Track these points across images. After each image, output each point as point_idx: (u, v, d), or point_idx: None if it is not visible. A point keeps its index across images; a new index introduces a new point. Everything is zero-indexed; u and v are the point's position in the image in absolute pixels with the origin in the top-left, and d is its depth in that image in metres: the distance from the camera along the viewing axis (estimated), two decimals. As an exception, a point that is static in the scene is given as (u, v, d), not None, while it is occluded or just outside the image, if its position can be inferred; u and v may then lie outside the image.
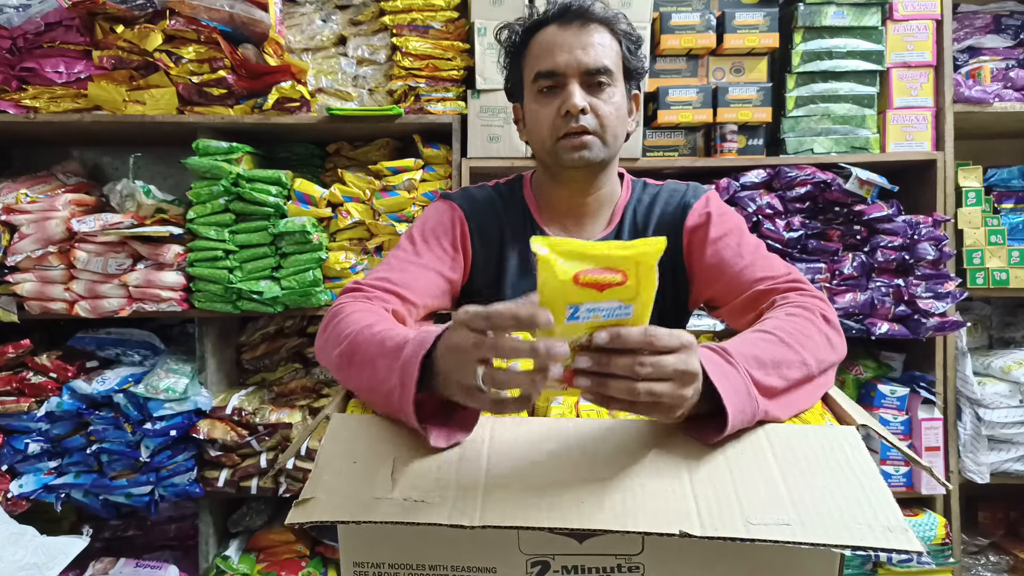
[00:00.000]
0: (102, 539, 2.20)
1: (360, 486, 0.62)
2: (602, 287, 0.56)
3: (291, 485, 1.90)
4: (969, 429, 2.02)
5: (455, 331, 0.61)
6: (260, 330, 2.18)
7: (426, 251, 1.04)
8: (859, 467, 0.64)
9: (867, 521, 0.58)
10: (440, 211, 1.10)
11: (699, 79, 2.05)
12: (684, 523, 0.58)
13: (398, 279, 0.97)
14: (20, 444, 1.85)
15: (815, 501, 0.60)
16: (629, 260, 0.57)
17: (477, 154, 1.97)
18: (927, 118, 2.02)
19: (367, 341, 0.76)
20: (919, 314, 1.89)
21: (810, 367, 0.76)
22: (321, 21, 2.04)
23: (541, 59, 1.02)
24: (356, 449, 0.67)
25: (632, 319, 0.59)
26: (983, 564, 2.16)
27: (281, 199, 1.88)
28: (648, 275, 0.57)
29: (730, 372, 0.68)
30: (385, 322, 0.82)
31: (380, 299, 0.92)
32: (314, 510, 0.60)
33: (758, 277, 0.95)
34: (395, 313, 0.92)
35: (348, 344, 0.79)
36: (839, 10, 1.99)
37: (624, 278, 0.56)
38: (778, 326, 0.79)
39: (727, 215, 1.05)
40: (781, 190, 1.95)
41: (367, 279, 0.97)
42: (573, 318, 0.57)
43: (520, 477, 0.63)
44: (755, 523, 0.58)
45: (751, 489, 0.61)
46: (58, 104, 1.92)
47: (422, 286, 1.00)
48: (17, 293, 1.87)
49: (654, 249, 0.57)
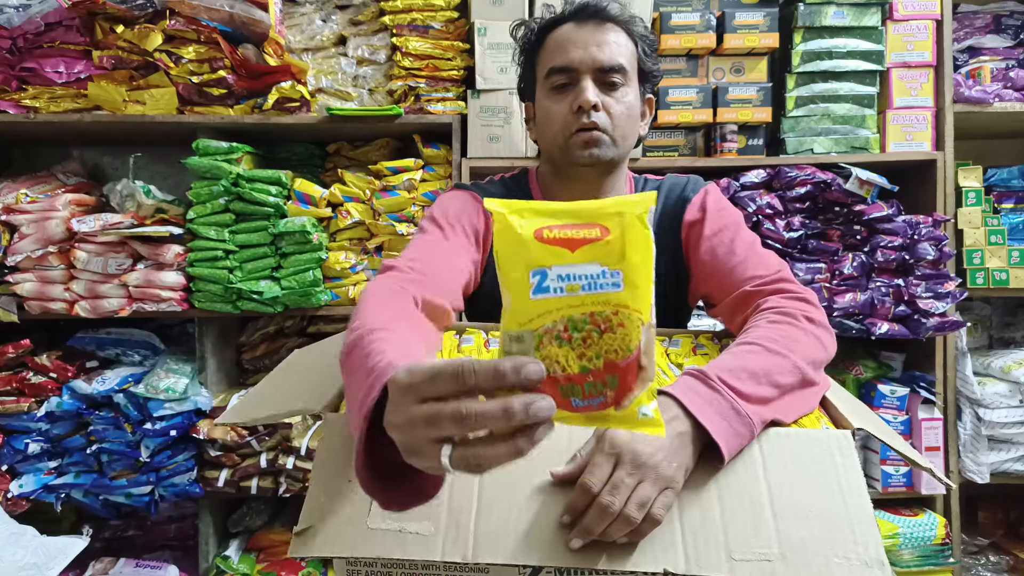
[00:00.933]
0: (102, 539, 2.20)
1: (355, 512, 0.63)
2: (574, 244, 0.44)
3: (291, 485, 1.90)
4: (969, 429, 2.02)
5: (397, 404, 0.47)
6: (260, 330, 2.18)
7: (452, 235, 1.00)
8: (847, 482, 0.65)
9: (846, 554, 0.59)
10: (463, 199, 1.06)
11: (699, 79, 2.05)
12: (669, 558, 0.59)
13: (429, 258, 0.92)
14: (20, 444, 1.85)
15: (798, 530, 0.61)
16: (608, 212, 0.45)
17: (477, 154, 1.97)
18: (927, 118, 2.02)
19: (361, 349, 0.67)
20: (919, 314, 1.89)
21: (803, 370, 0.75)
22: (321, 21, 2.04)
23: (555, 55, 1.02)
24: (350, 462, 0.67)
25: (623, 295, 0.45)
26: (983, 564, 2.16)
27: (281, 199, 1.88)
28: (637, 230, 0.45)
29: (712, 397, 0.67)
30: (390, 328, 0.71)
31: (409, 282, 0.85)
32: (313, 544, 0.61)
33: (748, 276, 0.95)
34: (424, 298, 0.84)
35: (350, 341, 0.71)
36: (839, 10, 1.99)
37: (603, 232, 0.44)
38: (761, 335, 0.79)
39: (724, 210, 1.05)
40: (781, 190, 1.95)
41: (400, 260, 0.91)
42: (541, 290, 0.44)
43: (511, 507, 0.63)
44: (738, 559, 0.59)
45: (737, 516, 0.62)
46: (58, 104, 1.92)
47: (452, 266, 0.95)
48: (17, 293, 1.87)
49: (640, 199, 0.46)
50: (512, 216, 0.44)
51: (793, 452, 0.67)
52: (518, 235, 0.44)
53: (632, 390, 0.46)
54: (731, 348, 0.79)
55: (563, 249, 0.44)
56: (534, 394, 0.43)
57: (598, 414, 0.47)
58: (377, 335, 0.68)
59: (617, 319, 0.45)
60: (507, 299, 0.45)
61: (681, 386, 0.68)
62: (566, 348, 0.45)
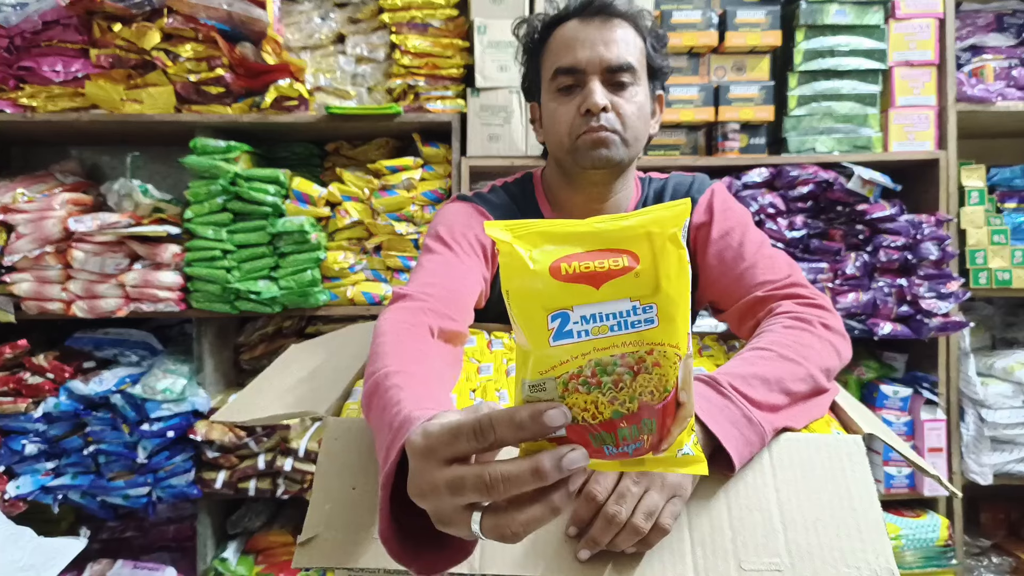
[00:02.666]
0: (100, 540, 2.19)
1: (359, 521, 0.62)
2: (598, 279, 0.38)
3: (289, 487, 1.89)
4: (972, 430, 2.00)
5: (418, 470, 0.43)
6: (258, 330, 2.17)
7: (461, 252, 0.97)
8: (856, 489, 0.64)
9: (856, 563, 0.59)
10: (466, 213, 1.02)
11: (700, 77, 2.04)
12: (678, 568, 0.58)
13: (442, 283, 0.89)
14: (17, 445, 1.84)
15: (808, 538, 0.60)
16: (636, 234, 0.38)
17: (477, 153, 1.96)
18: (930, 117, 2.01)
19: (380, 397, 0.64)
20: (922, 314, 1.88)
21: (816, 378, 0.74)
22: (319, 19, 2.03)
23: (561, 55, 0.98)
24: (354, 468, 0.67)
25: (658, 330, 0.39)
26: (985, 566, 2.15)
27: (279, 198, 1.87)
28: (671, 255, 0.38)
29: (723, 404, 0.66)
30: (407, 372, 0.67)
31: (424, 312, 0.83)
32: (317, 555, 0.60)
33: (758, 281, 0.92)
34: (440, 327, 0.82)
35: (370, 384, 0.68)
36: (841, 8, 1.98)
37: (632, 261, 0.38)
38: (775, 341, 0.77)
39: (731, 211, 1.02)
40: (783, 189, 1.94)
41: (411, 287, 0.88)
42: (562, 336, 0.38)
43: None
44: (748, 569, 0.58)
45: (747, 525, 0.62)
46: (56, 103, 1.91)
47: (466, 288, 0.92)
48: (14, 293, 1.86)
49: (675, 213, 0.39)
50: (519, 245, 0.37)
51: (803, 458, 0.67)
52: (530, 271, 0.37)
53: (670, 432, 0.42)
54: (743, 353, 0.78)
55: (586, 286, 0.37)
56: (563, 446, 0.39)
57: (634, 460, 0.42)
58: (393, 380, 0.65)
59: (652, 359, 0.39)
60: (521, 339, 0.39)
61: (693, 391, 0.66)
62: (595, 393, 0.40)
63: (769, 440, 0.67)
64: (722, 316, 1.01)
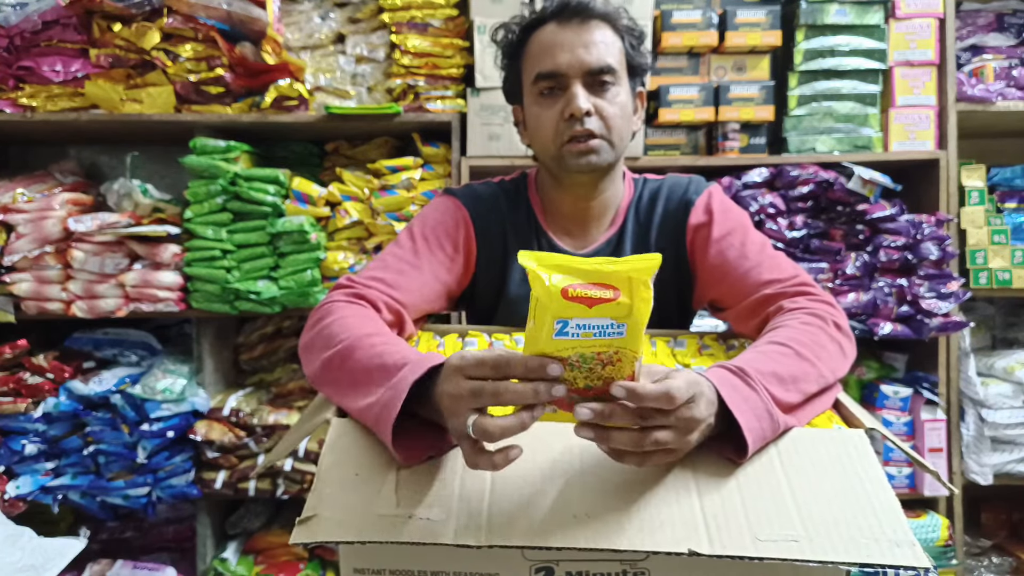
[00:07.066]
0: (99, 541, 2.19)
1: (363, 501, 0.62)
2: (591, 303, 0.55)
3: (289, 487, 1.88)
4: (972, 430, 2.00)
5: (449, 379, 0.60)
6: (258, 330, 2.16)
7: (426, 252, 1.01)
8: (866, 474, 0.64)
9: (874, 535, 0.58)
10: (445, 210, 1.06)
11: (701, 77, 2.04)
12: (692, 540, 0.58)
13: (393, 280, 0.94)
14: (17, 445, 1.84)
15: (822, 513, 0.60)
16: (621, 275, 0.55)
17: (477, 153, 1.96)
18: (930, 117, 2.00)
19: (365, 351, 0.75)
20: (922, 314, 1.88)
21: (826, 379, 0.76)
22: (319, 19, 2.02)
23: (541, 59, 0.98)
24: (358, 459, 0.67)
25: (625, 340, 0.57)
26: (986, 566, 2.15)
27: (279, 198, 1.87)
28: (642, 292, 0.56)
29: (749, 395, 0.66)
30: (384, 334, 0.81)
31: (372, 301, 0.89)
32: (318, 529, 0.59)
33: (764, 280, 0.93)
34: (389, 314, 0.90)
35: (342, 348, 0.77)
36: (841, 8, 1.98)
37: (616, 294, 0.55)
38: (793, 337, 0.78)
39: (730, 212, 1.03)
40: (783, 189, 1.93)
41: (361, 276, 0.93)
42: (561, 333, 0.55)
43: (525, 490, 0.62)
44: (763, 539, 0.57)
45: (759, 502, 0.61)
46: (55, 103, 1.91)
47: (416, 288, 0.97)
48: (14, 293, 1.86)
49: (648, 265, 0.56)
50: (542, 271, 0.55)
51: (809, 449, 0.67)
52: (548, 289, 0.54)
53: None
54: (760, 346, 0.78)
55: (583, 306, 0.55)
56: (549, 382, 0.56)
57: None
58: (375, 339, 0.77)
59: (617, 356, 0.57)
60: (531, 326, 0.58)
61: (717, 377, 0.67)
62: (575, 372, 0.58)
63: (776, 436, 0.68)
64: (723, 315, 1.01)
